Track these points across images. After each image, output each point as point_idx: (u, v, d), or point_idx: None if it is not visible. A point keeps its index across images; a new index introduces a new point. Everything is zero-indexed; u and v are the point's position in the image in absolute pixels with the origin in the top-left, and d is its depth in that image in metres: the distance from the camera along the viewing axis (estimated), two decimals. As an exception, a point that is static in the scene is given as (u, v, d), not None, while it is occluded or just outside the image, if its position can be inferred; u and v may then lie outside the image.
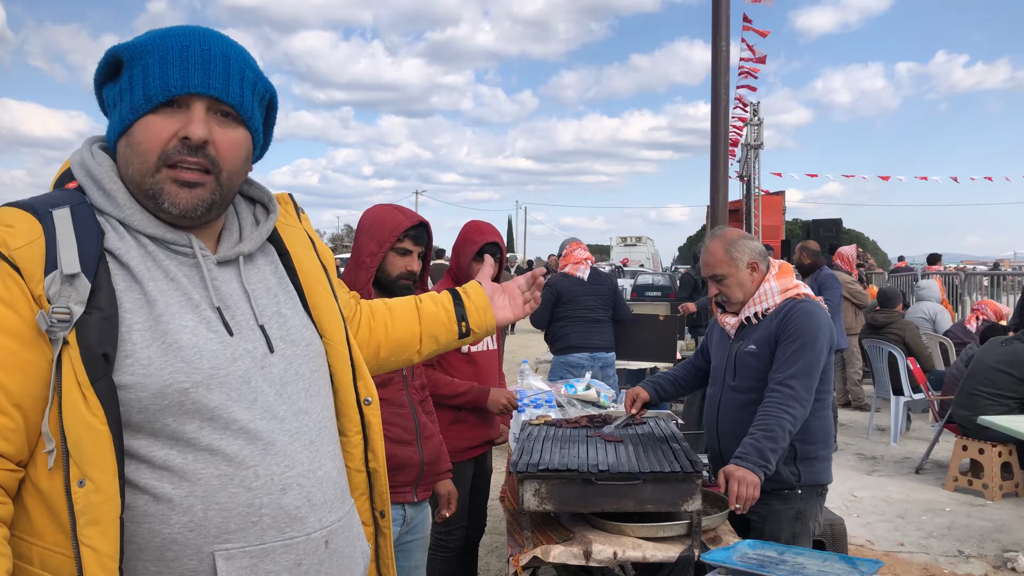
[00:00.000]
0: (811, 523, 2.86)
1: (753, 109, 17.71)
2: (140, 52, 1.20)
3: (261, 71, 1.30)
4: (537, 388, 4.10)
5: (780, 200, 21.19)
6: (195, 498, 1.16)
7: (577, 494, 2.44)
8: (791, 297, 2.87)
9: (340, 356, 1.42)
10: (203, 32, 1.25)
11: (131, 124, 1.21)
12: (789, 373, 2.70)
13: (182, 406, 1.16)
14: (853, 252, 9.01)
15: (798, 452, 2.78)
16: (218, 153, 1.22)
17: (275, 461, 1.22)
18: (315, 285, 1.42)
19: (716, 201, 5.41)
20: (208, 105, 1.21)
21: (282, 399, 1.27)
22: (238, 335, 1.24)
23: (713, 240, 2.99)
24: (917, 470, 6.41)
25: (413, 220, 2.56)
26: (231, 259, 1.30)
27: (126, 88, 1.21)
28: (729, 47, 5.37)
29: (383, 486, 1.48)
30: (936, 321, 8.90)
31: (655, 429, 3.05)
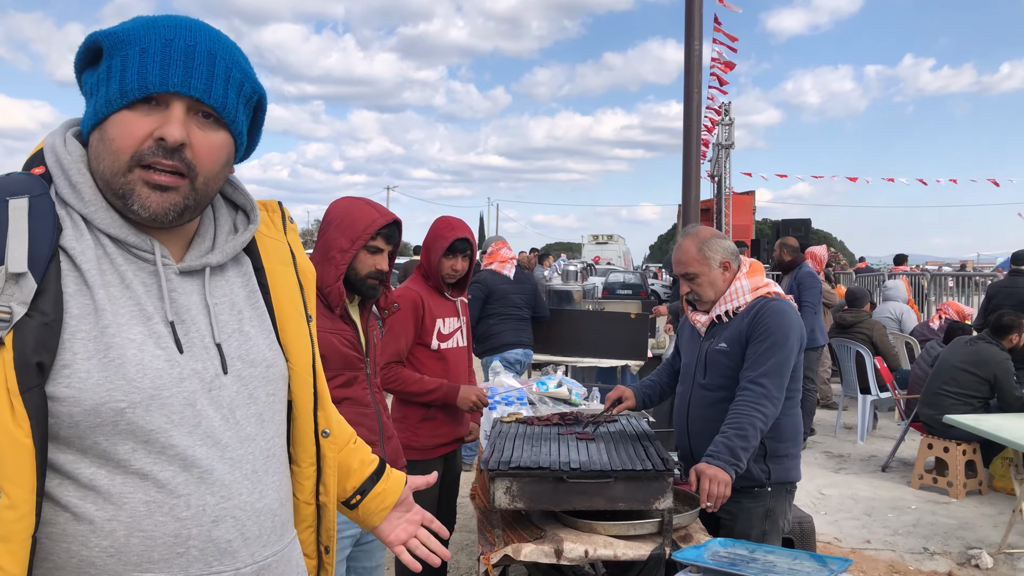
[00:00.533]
0: (780, 520, 2.87)
1: (724, 109, 17.85)
2: (121, 41, 1.13)
3: (251, 70, 1.22)
4: (508, 385, 4.07)
5: (750, 200, 21.42)
6: (118, 522, 1.10)
7: (548, 492, 2.42)
8: (762, 296, 2.88)
9: (303, 382, 1.34)
10: (190, 25, 1.16)
11: (105, 118, 1.13)
12: (760, 371, 2.70)
13: (116, 426, 1.09)
14: (824, 252, 9.09)
15: (768, 450, 2.79)
16: (195, 157, 1.14)
17: (210, 491, 1.15)
18: (287, 305, 1.34)
19: (688, 199, 5.42)
20: (188, 105, 1.13)
21: (228, 424, 1.19)
22: (189, 353, 1.16)
23: (686, 238, 2.98)
24: (883, 468, 6.49)
25: (387, 218, 2.49)
26: (197, 269, 1.22)
27: (103, 78, 1.13)
28: (702, 46, 5.38)
29: (331, 521, 1.42)
30: (902, 321, 9.03)
31: (627, 427, 3.04)
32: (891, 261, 16.16)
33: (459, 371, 3.42)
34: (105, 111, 1.13)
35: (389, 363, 3.22)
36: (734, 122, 17.89)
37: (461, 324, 3.47)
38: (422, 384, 3.21)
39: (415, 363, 3.31)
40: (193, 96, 1.13)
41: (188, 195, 1.15)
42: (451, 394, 3.22)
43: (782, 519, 2.88)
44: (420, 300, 3.29)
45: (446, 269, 3.33)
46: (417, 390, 3.20)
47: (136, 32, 1.13)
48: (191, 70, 1.12)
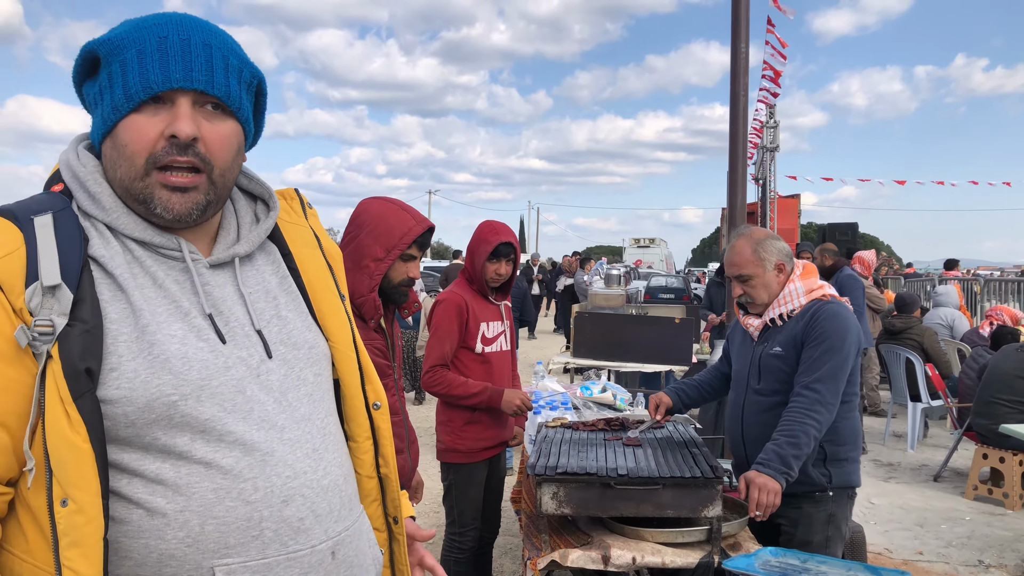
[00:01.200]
0: (843, 526, 2.79)
1: (770, 112, 17.60)
2: (116, 47, 1.13)
3: (246, 56, 1.23)
4: (552, 390, 4.06)
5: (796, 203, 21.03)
6: (191, 512, 1.11)
7: (595, 498, 2.40)
8: (817, 298, 2.80)
9: (347, 359, 1.36)
10: (181, 19, 1.17)
11: (114, 125, 1.14)
12: (815, 377, 2.63)
13: (171, 419, 1.11)
14: (872, 256, 8.91)
15: (828, 453, 2.72)
16: (208, 149, 1.15)
17: (275, 472, 1.17)
18: (319, 286, 1.36)
19: (734, 203, 5.34)
20: (193, 99, 1.14)
21: (281, 407, 1.21)
22: (231, 342, 1.18)
23: (740, 239, 2.91)
24: (935, 478, 6.33)
25: (423, 225, 2.46)
26: (226, 261, 1.23)
27: (106, 86, 1.14)
28: (748, 49, 5.31)
29: (395, 492, 1.43)
30: (954, 327, 8.80)
31: (674, 433, 3.00)
32: (941, 266, 15.78)
33: (503, 374, 3.42)
34: (113, 118, 1.13)
35: (434, 366, 3.24)
36: (779, 124, 17.62)
37: (505, 328, 3.48)
38: (466, 387, 3.21)
39: (459, 366, 3.31)
40: (197, 88, 1.13)
41: (208, 191, 1.16)
42: (495, 397, 3.22)
43: (844, 525, 2.80)
44: (464, 304, 3.30)
45: (490, 273, 3.34)
46: (461, 393, 3.21)
47: (129, 35, 1.13)
48: (190, 63, 1.13)
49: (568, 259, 17.46)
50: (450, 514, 3.34)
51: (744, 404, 2.90)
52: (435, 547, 4.24)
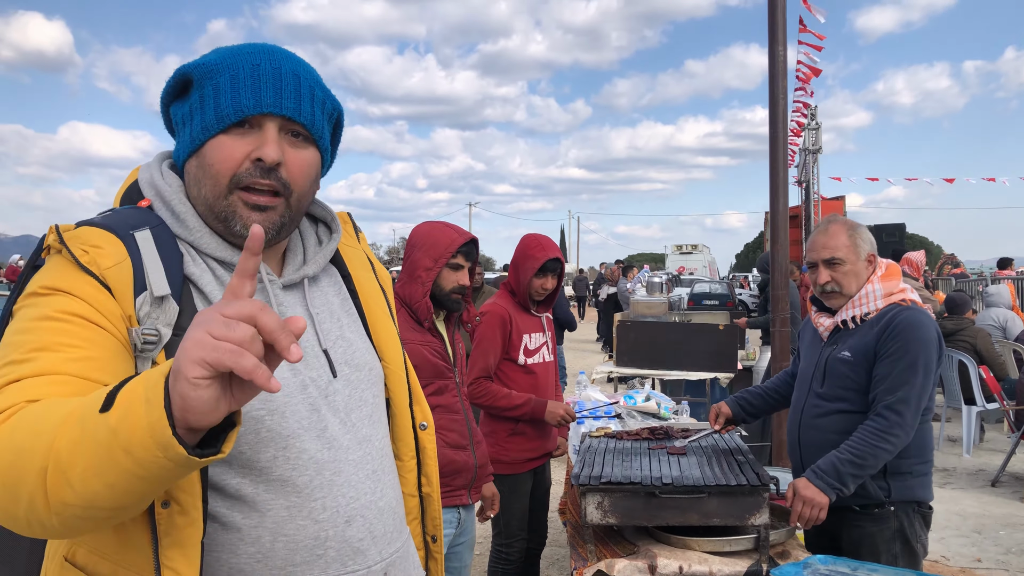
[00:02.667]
0: (915, 544, 2.58)
1: (811, 113, 17.37)
2: (210, 71, 1.18)
3: (329, 89, 1.28)
4: (595, 399, 4.06)
5: (840, 205, 20.69)
6: (263, 529, 1.15)
7: (641, 507, 2.40)
8: (895, 303, 2.61)
9: (398, 380, 1.41)
10: (272, 50, 1.22)
11: (202, 144, 1.18)
12: (899, 397, 2.46)
13: (258, 434, 1.15)
14: (921, 257, 8.73)
15: (888, 466, 2.53)
16: (289, 175, 1.19)
17: (340, 492, 1.20)
18: (375, 308, 1.41)
19: (776, 207, 5.28)
20: (280, 125, 1.18)
21: (345, 428, 1.24)
22: (304, 361, 1.21)
23: (833, 224, 2.72)
24: (993, 483, 6.17)
25: (465, 237, 2.68)
26: (296, 282, 1.28)
27: (196, 107, 1.18)
28: (786, 51, 5.26)
29: (435, 511, 1.47)
30: (1007, 328, 8.56)
31: (719, 441, 2.98)
32: (993, 265, 15.38)
33: (546, 385, 3.44)
34: (202, 137, 1.18)
35: (478, 378, 3.27)
36: (821, 126, 17.38)
37: (547, 339, 3.49)
38: (510, 399, 3.24)
39: (503, 378, 3.34)
40: (285, 115, 1.18)
41: (284, 213, 1.20)
42: (539, 409, 3.24)
43: (916, 543, 2.59)
44: (507, 316, 3.33)
45: (536, 288, 3.37)
46: (505, 405, 3.24)
47: (223, 61, 1.18)
48: (280, 91, 1.17)
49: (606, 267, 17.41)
50: (496, 525, 3.36)
51: (804, 407, 2.75)
52: (482, 558, 4.26)
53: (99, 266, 1.11)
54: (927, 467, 2.63)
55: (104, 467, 0.86)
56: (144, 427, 0.83)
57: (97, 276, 1.10)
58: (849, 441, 2.49)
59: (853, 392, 2.59)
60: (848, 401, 2.60)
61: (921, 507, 2.62)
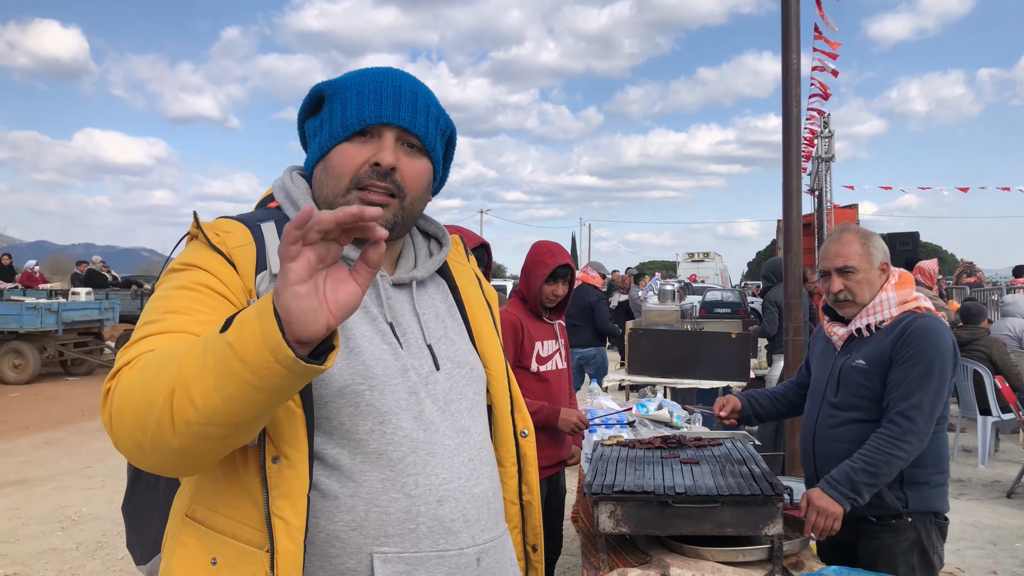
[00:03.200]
0: (932, 556, 2.56)
1: (824, 121, 17.33)
2: (340, 88, 1.35)
3: (444, 110, 1.43)
4: (608, 407, 4.05)
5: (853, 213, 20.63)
6: (359, 498, 1.23)
7: (653, 516, 2.39)
8: (910, 311, 2.60)
9: (500, 386, 1.48)
10: (395, 72, 1.39)
11: (328, 150, 1.34)
12: (912, 403, 2.45)
13: (357, 407, 1.24)
14: (935, 266, 8.68)
15: (905, 476, 2.52)
16: (403, 180, 1.33)
17: (434, 472, 1.27)
18: (480, 318, 1.51)
19: (789, 216, 5.26)
20: (397, 135, 1.33)
21: (444, 416, 1.33)
22: (407, 350, 1.33)
23: (846, 232, 2.71)
24: (1009, 494, 6.12)
25: (475, 241, 2.73)
26: (405, 282, 1.40)
27: (326, 120, 1.35)
28: (800, 59, 5.25)
29: (536, 519, 1.53)
30: (1022, 339, 8.50)
31: (732, 450, 2.97)
32: (1008, 274, 15.23)
33: (560, 393, 3.44)
34: (328, 144, 1.34)
35: (490, 386, 3.27)
36: (834, 134, 17.34)
37: (559, 346, 3.49)
38: (523, 407, 3.24)
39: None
40: (401, 126, 1.33)
41: (397, 212, 1.34)
42: (552, 416, 3.24)
43: (933, 554, 2.56)
44: (519, 323, 3.33)
45: (547, 294, 3.37)
46: (518, 413, 3.23)
47: (353, 80, 1.35)
48: (399, 105, 1.34)
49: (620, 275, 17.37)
50: (509, 533, 3.35)
51: (818, 417, 2.73)
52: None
53: (227, 246, 1.27)
54: (944, 477, 2.61)
55: (223, 379, 0.98)
56: (257, 334, 0.96)
57: (224, 254, 1.26)
58: (862, 450, 2.47)
59: (868, 401, 2.57)
60: (863, 410, 2.57)
61: (938, 518, 2.60)
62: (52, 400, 11.44)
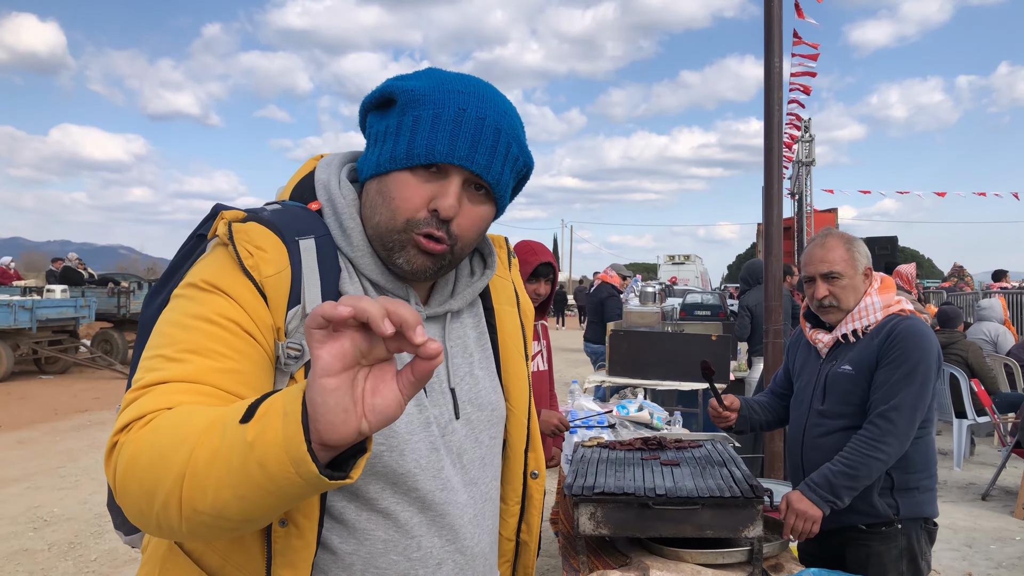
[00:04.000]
0: (921, 562, 2.55)
1: (804, 125, 17.46)
2: (416, 100, 1.17)
3: (526, 143, 1.26)
4: (588, 408, 4.05)
5: (833, 217, 20.81)
6: (357, 557, 1.14)
7: (634, 518, 2.38)
8: (894, 313, 2.59)
9: (519, 424, 1.37)
10: (483, 94, 1.19)
11: (387, 172, 1.18)
12: (892, 404, 2.44)
13: (372, 467, 1.13)
14: (913, 270, 8.77)
15: (895, 482, 2.51)
16: (459, 228, 1.18)
17: (439, 534, 1.19)
18: (511, 346, 1.37)
19: (771, 219, 5.29)
20: (466, 178, 1.17)
21: (456, 469, 1.23)
22: (430, 398, 1.21)
23: (831, 236, 2.68)
24: (983, 496, 6.18)
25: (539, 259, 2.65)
26: (439, 315, 1.26)
27: (392, 131, 1.18)
28: (782, 63, 5.28)
29: (530, 560, 1.45)
30: (998, 343, 8.61)
31: (713, 452, 2.97)
32: (985, 278, 15.40)
33: (540, 395, 3.42)
34: (388, 167, 1.17)
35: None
36: (814, 138, 17.48)
37: (541, 348, 3.48)
38: (503, 408, 3.22)
39: (496, 387, 3.32)
40: (473, 171, 1.16)
41: (447, 257, 1.19)
42: (532, 418, 3.22)
43: (922, 560, 2.56)
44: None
45: (529, 293, 3.35)
46: (498, 414, 3.22)
47: (432, 94, 1.16)
48: (477, 145, 1.15)
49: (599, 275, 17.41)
50: (488, 535, 3.33)
51: (806, 426, 2.69)
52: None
53: (260, 272, 1.10)
54: (933, 482, 2.60)
55: (237, 479, 0.87)
56: (280, 441, 0.83)
57: (257, 283, 1.10)
58: (842, 452, 2.47)
59: (856, 407, 2.55)
60: (851, 417, 2.56)
61: (928, 523, 2.60)
62: (25, 399, 11.29)
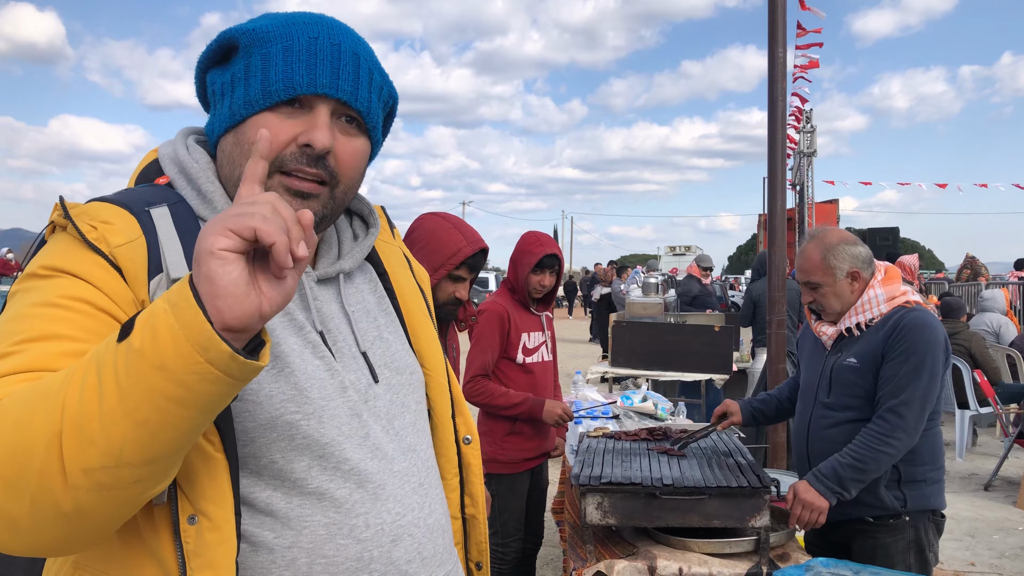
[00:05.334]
0: (928, 553, 2.54)
1: (806, 116, 17.42)
2: (261, 38, 1.05)
3: (386, 73, 1.16)
4: (592, 399, 4.05)
5: (834, 208, 20.79)
6: (299, 549, 1.01)
7: (641, 508, 2.38)
8: (900, 305, 2.55)
9: (440, 388, 1.28)
10: (331, 23, 1.09)
11: (243, 120, 1.05)
12: (902, 399, 2.42)
13: (292, 440, 1.01)
14: (915, 261, 8.75)
15: (903, 474, 2.50)
16: (338, 165, 1.07)
17: (385, 508, 1.07)
18: (414, 308, 1.28)
19: (774, 210, 5.25)
20: (333, 108, 1.06)
21: (389, 436, 1.12)
22: (341, 362, 1.10)
23: (810, 242, 2.65)
24: (986, 487, 6.19)
25: (475, 247, 2.41)
26: (331, 277, 1.16)
27: (240, 77, 1.05)
28: (786, 52, 5.25)
29: (481, 535, 1.34)
30: (1000, 333, 8.59)
31: (718, 443, 2.97)
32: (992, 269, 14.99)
33: (545, 385, 3.42)
34: (244, 112, 1.05)
35: (475, 376, 3.24)
36: (816, 129, 17.43)
37: (546, 338, 3.47)
38: (508, 398, 3.22)
39: (501, 376, 3.32)
40: (340, 98, 1.05)
41: (327, 203, 1.08)
42: (536, 408, 3.22)
43: (930, 552, 2.54)
44: (506, 314, 3.31)
45: (533, 284, 3.35)
46: (503, 403, 3.21)
47: (277, 29, 1.05)
48: (338, 71, 1.05)
49: (601, 268, 17.41)
50: (492, 525, 3.33)
51: (811, 419, 2.68)
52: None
53: (109, 243, 0.97)
54: (940, 473, 2.59)
55: (134, 400, 0.76)
56: (177, 330, 0.74)
57: (106, 255, 0.96)
58: (851, 445, 2.46)
59: (862, 400, 2.53)
60: (857, 409, 2.54)
61: (935, 515, 2.59)
62: None
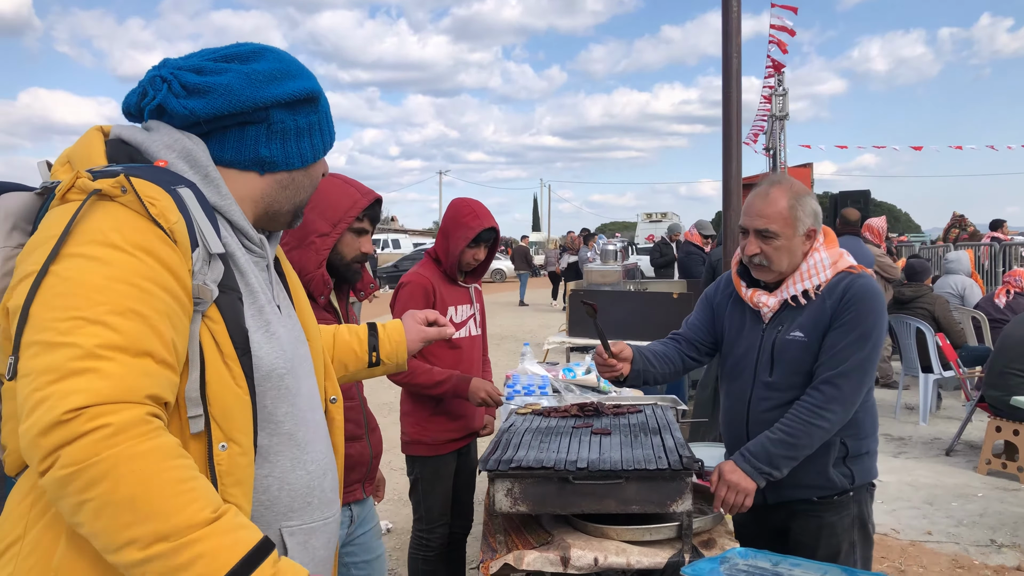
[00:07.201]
0: (869, 524, 2.43)
1: (778, 79, 17.22)
2: (323, 99, 1.38)
3: None
4: (533, 373, 3.86)
5: (808, 172, 20.69)
6: (272, 479, 1.26)
7: (554, 494, 2.20)
8: (844, 270, 2.33)
9: (317, 355, 1.49)
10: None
11: (315, 161, 1.39)
12: (840, 371, 2.23)
13: (279, 390, 1.26)
14: (883, 224, 8.62)
15: (849, 450, 2.34)
16: None
17: (317, 448, 1.35)
18: (296, 286, 1.51)
19: (729, 172, 5.08)
20: None
21: (312, 392, 1.40)
22: (293, 332, 1.37)
23: (776, 187, 2.32)
24: (947, 452, 6.10)
25: (370, 197, 2.33)
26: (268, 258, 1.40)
27: (315, 128, 1.37)
28: (740, 8, 5.04)
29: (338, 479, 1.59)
30: (965, 295, 8.49)
31: (650, 419, 2.80)
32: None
33: (472, 361, 3.23)
34: (316, 157, 1.39)
35: (396, 353, 3.04)
36: (788, 92, 17.24)
37: (475, 311, 3.27)
38: (431, 375, 3.01)
39: (425, 352, 3.11)
40: None
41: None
42: (461, 386, 3.02)
43: (870, 522, 2.44)
44: (431, 286, 3.10)
45: (467, 258, 3.14)
46: (425, 381, 3.01)
47: (322, 94, 1.38)
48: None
49: (572, 236, 17.22)
50: (417, 510, 3.15)
51: (751, 399, 2.42)
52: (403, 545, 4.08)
53: (168, 220, 1.11)
54: (876, 443, 2.46)
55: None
56: None
57: (166, 230, 1.11)
58: (782, 420, 2.28)
59: (809, 377, 2.31)
60: (803, 388, 2.31)
61: (871, 485, 2.46)
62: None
